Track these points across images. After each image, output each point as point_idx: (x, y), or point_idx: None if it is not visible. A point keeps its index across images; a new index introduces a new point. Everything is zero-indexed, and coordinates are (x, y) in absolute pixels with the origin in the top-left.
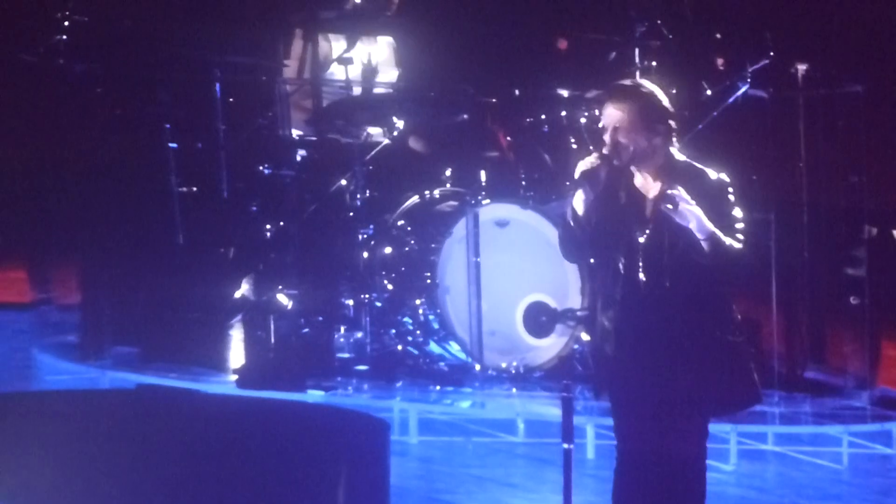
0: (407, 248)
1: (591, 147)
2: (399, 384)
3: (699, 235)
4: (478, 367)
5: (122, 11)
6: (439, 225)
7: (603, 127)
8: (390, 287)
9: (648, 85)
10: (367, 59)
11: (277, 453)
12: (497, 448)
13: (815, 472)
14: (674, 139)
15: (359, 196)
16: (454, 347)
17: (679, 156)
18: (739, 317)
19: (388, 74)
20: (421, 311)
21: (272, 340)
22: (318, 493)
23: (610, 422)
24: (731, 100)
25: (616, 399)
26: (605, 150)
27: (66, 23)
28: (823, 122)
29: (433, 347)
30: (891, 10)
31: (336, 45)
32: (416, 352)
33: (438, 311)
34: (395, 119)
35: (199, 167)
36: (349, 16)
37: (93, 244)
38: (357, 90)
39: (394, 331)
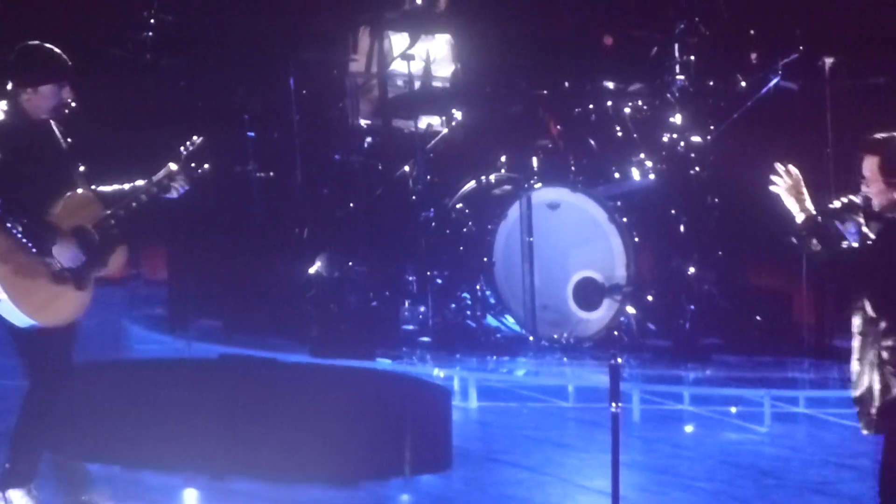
0: (465, 230)
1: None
2: (459, 354)
3: None
4: (531, 338)
5: (203, 10)
6: (495, 208)
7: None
8: (450, 265)
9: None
10: (427, 55)
11: (349, 416)
12: (550, 412)
13: (843, 432)
14: None
15: (420, 181)
16: (509, 320)
17: None
18: None
19: (447, 69)
20: (478, 288)
21: (343, 313)
22: (386, 453)
23: (653, 387)
24: (763, 91)
25: None
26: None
27: (153, 21)
28: (849, 111)
29: (490, 321)
30: None
31: (399, 42)
32: (474, 325)
33: (495, 287)
34: (453, 110)
35: (275, 154)
36: (410, 15)
37: (179, 225)
38: (418, 84)
39: (454, 305)
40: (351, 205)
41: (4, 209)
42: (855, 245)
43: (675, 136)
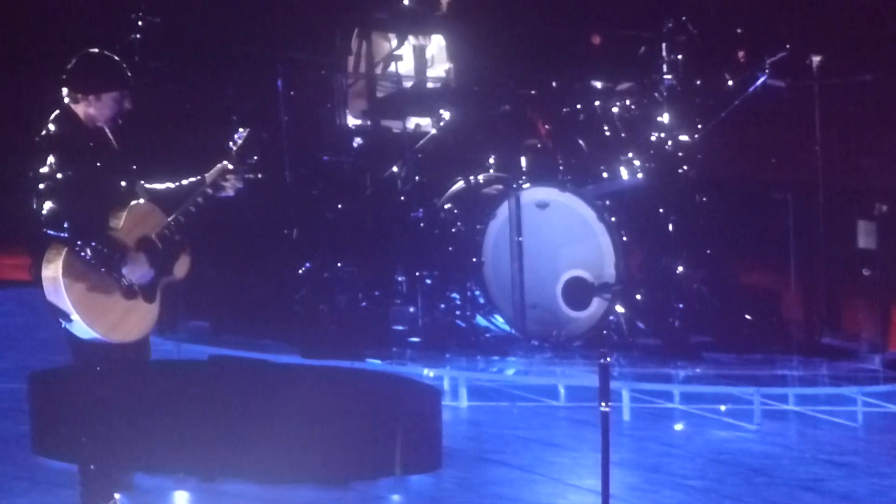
0: (454, 230)
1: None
2: (449, 354)
3: None
4: (521, 337)
5: (192, 12)
6: (484, 207)
7: None
8: (440, 265)
9: None
10: (419, 56)
11: (339, 417)
12: (540, 411)
13: (833, 429)
14: None
15: (409, 181)
16: (499, 320)
17: None
18: None
19: (438, 69)
20: (468, 287)
21: (333, 313)
22: (377, 453)
23: (643, 386)
24: (751, 89)
25: None
26: None
27: (141, 23)
28: (837, 109)
29: (480, 320)
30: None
31: (393, 42)
32: (463, 324)
33: (484, 286)
34: (441, 110)
35: (265, 155)
36: (401, 16)
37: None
38: (408, 84)
39: (443, 305)
40: (340, 205)
41: (72, 232)
42: None
43: (663, 134)
